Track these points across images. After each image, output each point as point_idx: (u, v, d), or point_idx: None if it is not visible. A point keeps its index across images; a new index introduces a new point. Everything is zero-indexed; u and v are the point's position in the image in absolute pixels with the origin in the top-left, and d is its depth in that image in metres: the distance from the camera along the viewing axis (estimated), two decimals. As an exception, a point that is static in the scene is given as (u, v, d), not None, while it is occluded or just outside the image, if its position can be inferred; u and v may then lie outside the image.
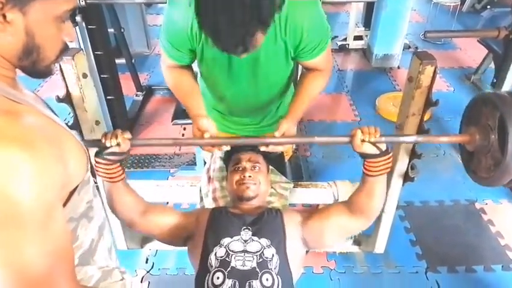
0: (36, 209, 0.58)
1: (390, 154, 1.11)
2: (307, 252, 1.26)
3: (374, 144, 1.09)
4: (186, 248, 1.25)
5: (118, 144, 1.06)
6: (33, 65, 0.67)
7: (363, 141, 1.08)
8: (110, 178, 1.11)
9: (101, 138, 1.07)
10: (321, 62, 1.29)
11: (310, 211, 1.28)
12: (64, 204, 0.73)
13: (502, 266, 1.95)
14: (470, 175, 1.20)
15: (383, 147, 1.10)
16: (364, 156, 1.11)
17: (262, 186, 1.33)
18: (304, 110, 1.36)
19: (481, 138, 1.10)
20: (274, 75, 1.35)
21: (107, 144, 1.05)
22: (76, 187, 0.76)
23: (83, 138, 1.42)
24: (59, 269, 0.64)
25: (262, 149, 1.22)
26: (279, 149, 1.30)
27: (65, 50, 0.72)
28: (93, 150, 1.12)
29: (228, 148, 1.23)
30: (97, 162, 1.09)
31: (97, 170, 1.10)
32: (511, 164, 1.01)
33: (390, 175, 1.49)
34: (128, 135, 1.08)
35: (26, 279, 0.59)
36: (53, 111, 0.82)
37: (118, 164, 1.11)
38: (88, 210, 0.82)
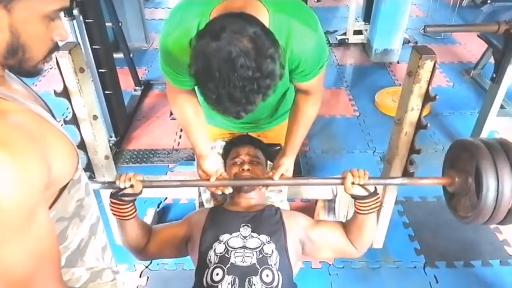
0: (16, 210, 0.56)
1: (378, 195, 1.20)
2: None
3: (363, 186, 1.18)
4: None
5: (132, 186, 1.13)
6: (19, 64, 0.65)
7: (353, 183, 1.17)
8: (123, 217, 1.17)
9: (115, 180, 1.15)
10: (314, 85, 1.26)
11: (315, 221, 1.32)
12: (53, 203, 0.72)
13: (500, 261, 1.96)
14: (451, 212, 1.29)
15: (371, 189, 1.19)
16: (354, 197, 1.20)
17: (260, 178, 1.33)
18: (302, 141, 1.38)
19: (459, 181, 1.20)
20: (273, 95, 1.35)
21: (121, 186, 1.14)
22: (66, 185, 0.74)
23: (81, 134, 1.42)
24: (43, 270, 0.62)
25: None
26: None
27: (54, 49, 0.69)
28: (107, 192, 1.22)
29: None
30: (112, 202, 1.16)
31: (111, 210, 1.17)
32: (485, 208, 1.09)
33: (389, 170, 1.49)
34: (140, 177, 1.16)
35: (7, 281, 0.58)
36: (47, 106, 0.80)
37: (132, 203, 1.18)
38: (78, 209, 0.81)
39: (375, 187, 1.20)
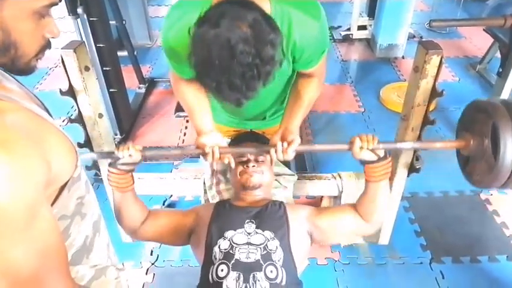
0: (18, 209, 0.56)
1: (389, 159, 1.16)
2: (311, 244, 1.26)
3: (372, 151, 1.14)
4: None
5: (130, 155, 1.12)
6: (12, 61, 0.65)
7: (361, 148, 1.13)
8: (121, 188, 1.16)
9: (115, 149, 1.14)
10: (316, 70, 1.26)
11: (319, 208, 1.29)
12: (54, 202, 0.72)
13: (507, 257, 1.95)
14: (465, 177, 1.25)
15: (381, 153, 1.15)
16: (364, 162, 1.17)
17: (266, 176, 1.33)
18: (303, 117, 1.33)
19: (475, 144, 1.15)
20: (276, 83, 1.34)
21: (120, 155, 1.12)
22: (66, 184, 0.74)
23: (87, 132, 1.42)
24: (50, 267, 0.63)
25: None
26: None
27: (46, 47, 0.69)
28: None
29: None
30: (110, 172, 1.15)
31: (109, 180, 1.16)
32: (503, 169, 1.05)
33: (395, 166, 1.48)
34: (139, 147, 1.15)
35: (15, 281, 0.58)
36: (43, 105, 0.80)
37: (130, 174, 1.17)
38: (79, 207, 0.80)
39: (386, 152, 1.16)
